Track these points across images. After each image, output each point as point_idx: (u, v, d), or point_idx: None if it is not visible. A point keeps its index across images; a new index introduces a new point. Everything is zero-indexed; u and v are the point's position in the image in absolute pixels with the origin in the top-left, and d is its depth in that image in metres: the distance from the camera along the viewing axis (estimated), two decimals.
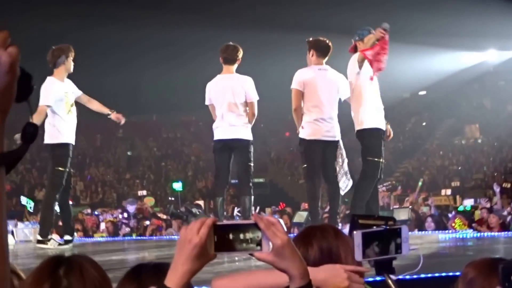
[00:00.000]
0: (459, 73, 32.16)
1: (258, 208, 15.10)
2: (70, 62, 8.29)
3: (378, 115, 7.78)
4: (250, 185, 8.10)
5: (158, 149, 35.31)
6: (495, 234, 10.39)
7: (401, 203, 16.81)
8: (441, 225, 12.96)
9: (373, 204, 7.82)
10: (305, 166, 7.99)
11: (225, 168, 8.19)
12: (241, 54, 8.22)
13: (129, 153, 35.39)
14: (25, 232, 10.64)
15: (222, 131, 8.14)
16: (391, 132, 8.13)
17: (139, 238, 13.00)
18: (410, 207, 13.82)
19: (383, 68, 7.67)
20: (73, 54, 8.33)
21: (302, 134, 7.95)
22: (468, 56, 31.61)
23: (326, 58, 8.08)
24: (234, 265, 5.84)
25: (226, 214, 9.01)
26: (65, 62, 8.23)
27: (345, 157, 8.00)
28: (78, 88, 8.52)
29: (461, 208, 15.45)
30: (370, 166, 7.71)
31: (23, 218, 15.45)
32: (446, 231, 11.24)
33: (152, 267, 2.29)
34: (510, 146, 28.15)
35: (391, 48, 7.70)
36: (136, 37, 27.67)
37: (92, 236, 14.32)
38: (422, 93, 35.03)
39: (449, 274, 4.63)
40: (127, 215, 16.46)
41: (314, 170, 7.88)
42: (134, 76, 31.00)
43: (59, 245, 8.29)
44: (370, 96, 7.72)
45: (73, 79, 8.52)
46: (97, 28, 25.42)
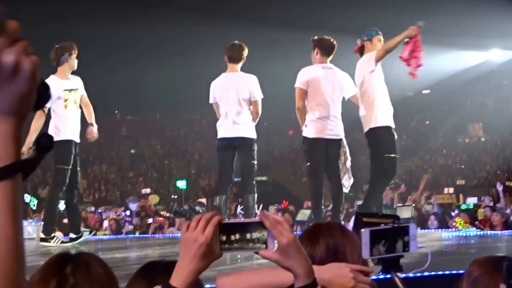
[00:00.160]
0: (463, 72, 32.10)
1: (262, 206, 15.09)
2: (74, 60, 8.28)
3: (390, 113, 7.78)
4: (254, 183, 8.09)
5: (162, 147, 35.34)
6: (498, 232, 10.39)
7: (404, 201, 16.79)
8: (444, 223, 12.96)
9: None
10: (308, 165, 7.96)
11: (228, 166, 8.16)
12: (246, 52, 8.19)
13: (132, 151, 35.42)
14: (28, 230, 10.63)
15: (226, 130, 8.12)
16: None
17: (142, 236, 13.00)
18: (413, 205, 13.82)
19: (422, 63, 7.63)
20: (76, 51, 8.32)
21: (306, 133, 7.93)
22: (471, 55, 31.54)
23: (331, 57, 8.08)
24: (236, 263, 5.85)
25: (229, 212, 8.99)
26: (68, 59, 8.21)
27: (348, 155, 7.99)
28: (84, 86, 8.46)
29: (464, 206, 15.47)
30: (390, 163, 7.62)
31: (27, 216, 15.46)
32: (449, 229, 11.25)
33: (163, 265, 2.25)
34: None
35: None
36: (140, 35, 27.64)
37: (95, 233, 14.31)
38: (425, 91, 34.97)
39: (452, 272, 4.64)
40: (130, 213, 16.45)
41: (317, 169, 7.86)
42: (138, 74, 30.98)
43: (62, 242, 8.29)
44: (383, 94, 7.71)
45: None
46: (101, 26, 25.40)
